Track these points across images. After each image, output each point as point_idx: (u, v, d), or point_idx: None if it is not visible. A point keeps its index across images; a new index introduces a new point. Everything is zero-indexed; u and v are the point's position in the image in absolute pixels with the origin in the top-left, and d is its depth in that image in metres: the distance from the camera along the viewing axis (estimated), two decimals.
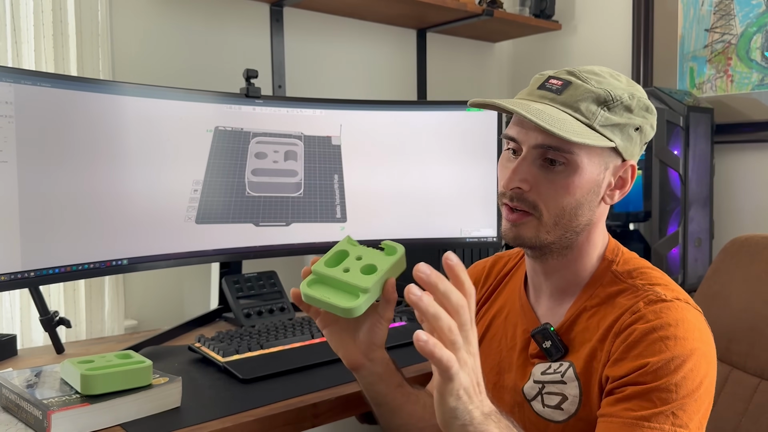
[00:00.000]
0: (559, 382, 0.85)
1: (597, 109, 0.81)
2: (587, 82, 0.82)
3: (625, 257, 0.89)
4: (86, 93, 1.24)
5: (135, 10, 1.66)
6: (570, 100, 0.81)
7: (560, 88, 0.82)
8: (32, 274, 1.17)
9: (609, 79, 0.84)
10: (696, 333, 0.79)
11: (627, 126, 0.82)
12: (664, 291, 0.83)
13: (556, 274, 0.89)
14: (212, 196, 1.45)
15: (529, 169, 0.82)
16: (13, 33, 1.43)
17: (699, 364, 0.77)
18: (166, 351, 1.31)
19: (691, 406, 0.75)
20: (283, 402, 1.01)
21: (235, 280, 1.54)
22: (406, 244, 0.88)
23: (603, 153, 0.83)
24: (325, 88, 2.00)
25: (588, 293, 0.87)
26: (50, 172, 1.19)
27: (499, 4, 2.11)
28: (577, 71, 0.84)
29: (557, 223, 0.83)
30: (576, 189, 0.81)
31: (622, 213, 1.74)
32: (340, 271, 0.81)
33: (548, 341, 0.87)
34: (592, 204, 0.84)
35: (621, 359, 0.79)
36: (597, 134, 0.80)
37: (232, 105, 1.48)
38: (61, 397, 0.91)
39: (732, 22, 1.88)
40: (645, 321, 0.79)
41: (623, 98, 0.81)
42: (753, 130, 1.86)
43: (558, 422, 0.85)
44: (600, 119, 0.80)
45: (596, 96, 0.81)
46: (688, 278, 1.73)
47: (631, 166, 0.85)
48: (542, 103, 0.82)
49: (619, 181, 0.86)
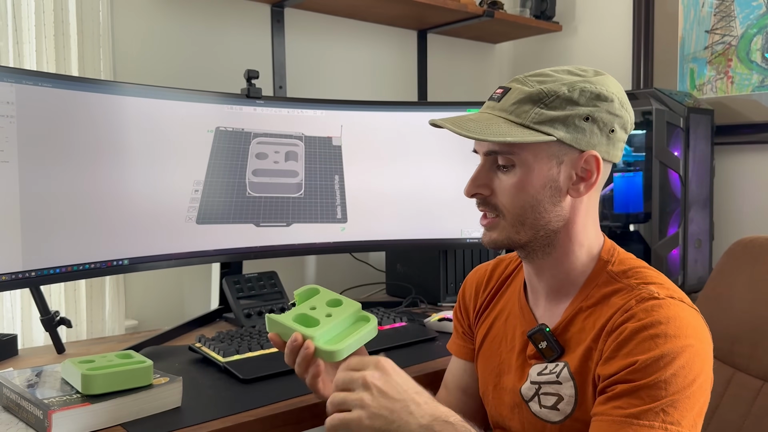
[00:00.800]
0: (555, 383, 0.86)
1: (531, 107, 0.83)
2: (525, 85, 0.85)
3: (621, 257, 0.90)
4: (87, 93, 1.25)
5: (136, 11, 1.66)
6: (505, 105, 0.85)
7: (500, 95, 0.87)
8: (33, 274, 1.17)
9: (559, 76, 0.84)
10: (689, 330, 0.78)
11: (570, 117, 0.82)
12: (658, 289, 0.83)
13: (547, 273, 0.90)
14: (213, 196, 1.45)
15: (486, 174, 0.88)
16: (15, 33, 1.43)
17: (691, 361, 0.77)
18: (166, 351, 1.31)
19: (682, 403, 0.75)
20: (283, 402, 1.02)
21: (236, 280, 1.54)
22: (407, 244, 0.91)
23: (550, 148, 0.83)
24: (325, 89, 2.00)
25: (584, 294, 0.88)
26: (51, 172, 1.19)
27: (500, 6, 2.11)
28: (521, 77, 0.87)
29: (522, 222, 0.86)
30: (527, 186, 0.84)
31: (622, 214, 1.74)
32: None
33: (544, 342, 0.87)
34: (554, 199, 0.85)
35: (612, 357, 0.79)
36: (530, 131, 0.82)
37: (233, 105, 1.48)
38: (61, 397, 0.91)
39: (732, 24, 1.88)
40: (636, 319, 0.79)
41: (560, 92, 0.82)
42: (753, 131, 1.86)
43: (554, 423, 0.86)
44: (533, 116, 0.82)
45: (528, 96, 0.83)
46: (688, 279, 1.73)
47: (592, 157, 0.84)
48: (484, 113, 0.88)
49: (584, 172, 0.85)
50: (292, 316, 0.92)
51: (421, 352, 1.30)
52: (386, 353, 1.26)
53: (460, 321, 1.08)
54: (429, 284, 1.75)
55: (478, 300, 1.05)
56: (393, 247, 1.71)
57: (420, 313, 1.61)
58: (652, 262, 1.67)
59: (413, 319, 1.50)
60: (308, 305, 0.95)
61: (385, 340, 1.31)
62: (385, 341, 1.31)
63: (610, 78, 0.87)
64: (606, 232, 0.93)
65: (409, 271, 1.84)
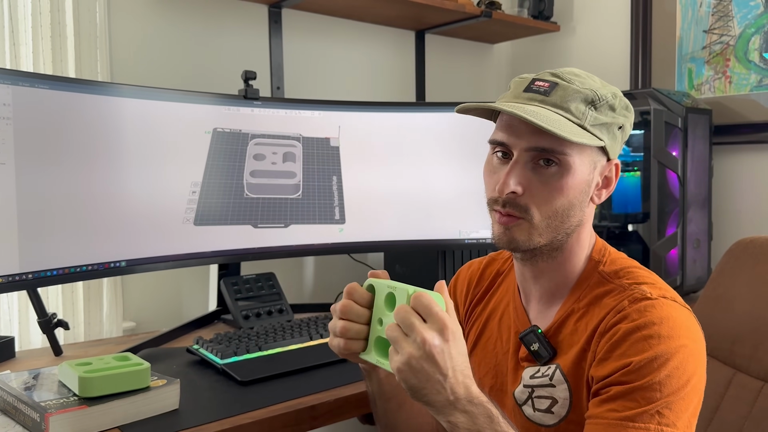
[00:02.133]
0: (549, 386, 0.85)
1: (586, 108, 0.81)
2: (572, 83, 0.82)
3: (612, 257, 0.89)
4: (84, 95, 1.24)
5: (133, 12, 1.65)
6: (560, 101, 0.81)
7: (548, 89, 0.82)
8: (30, 276, 1.16)
9: (589, 80, 0.84)
10: (682, 330, 0.78)
11: (612, 125, 0.83)
12: (650, 289, 0.82)
13: (545, 277, 0.89)
14: (210, 197, 1.45)
15: (523, 172, 0.81)
16: (11, 34, 1.42)
17: (685, 361, 0.76)
18: (164, 353, 1.31)
19: (677, 404, 0.74)
20: (281, 404, 1.01)
21: (234, 281, 1.54)
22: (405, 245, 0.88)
23: (592, 153, 0.83)
24: (323, 90, 2.00)
25: (576, 295, 0.87)
26: (48, 173, 1.19)
27: (498, 6, 2.11)
28: (560, 72, 0.84)
29: (549, 225, 0.83)
30: (569, 190, 0.81)
31: (620, 214, 1.73)
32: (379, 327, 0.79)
33: (536, 344, 0.87)
34: (582, 204, 0.84)
35: (605, 359, 0.79)
36: (589, 134, 0.81)
37: (230, 106, 1.48)
38: (58, 400, 0.91)
39: (730, 24, 1.88)
40: (629, 320, 0.79)
41: (608, 98, 0.82)
42: (751, 131, 1.86)
43: (549, 426, 0.85)
44: (590, 119, 0.81)
45: (584, 96, 0.81)
46: (687, 279, 1.73)
47: (616, 166, 0.86)
48: (532, 105, 0.82)
49: (605, 180, 0.86)
50: None
51: None
52: None
53: None
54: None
55: (469, 295, 1.04)
56: (391, 248, 1.71)
57: None
58: (651, 262, 1.66)
59: None
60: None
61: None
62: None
63: None
64: (605, 232, 0.92)
65: (408, 271, 1.84)
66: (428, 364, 0.71)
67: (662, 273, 1.67)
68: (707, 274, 1.81)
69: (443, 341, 0.72)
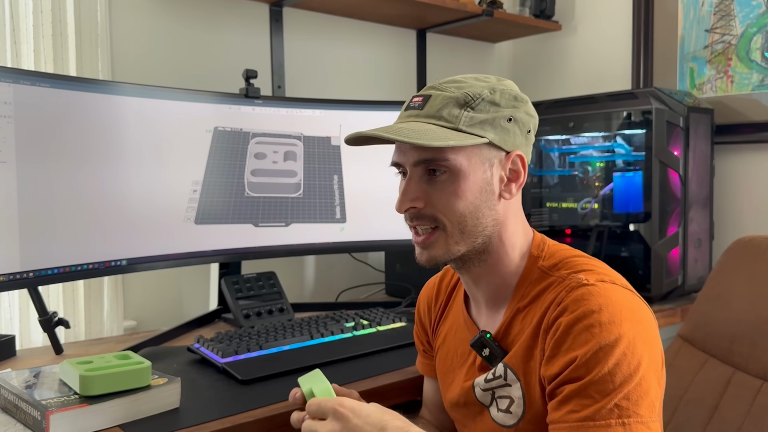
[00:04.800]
0: (505, 385, 0.85)
1: (460, 111, 0.82)
2: (446, 91, 0.84)
3: (551, 250, 0.88)
4: (85, 93, 1.24)
5: (134, 11, 1.65)
6: (432, 111, 0.83)
7: (421, 103, 0.85)
8: (31, 275, 1.16)
9: (471, 82, 0.85)
10: (624, 313, 0.76)
11: (497, 119, 0.83)
12: (587, 276, 0.80)
13: (483, 281, 0.89)
14: (211, 196, 1.45)
15: (417, 186, 0.84)
16: (13, 33, 1.43)
17: (632, 345, 0.74)
18: (165, 352, 1.31)
19: (634, 392, 0.73)
20: (282, 403, 1.01)
21: (235, 280, 1.54)
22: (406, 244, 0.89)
23: (481, 151, 0.83)
24: (324, 89, 2.00)
25: (519, 294, 0.86)
26: (49, 172, 1.19)
27: (499, 5, 2.11)
28: (437, 84, 0.86)
29: (462, 230, 0.83)
30: (465, 192, 0.82)
31: (622, 214, 1.73)
32: None
33: (487, 349, 0.86)
34: (489, 203, 0.84)
35: (552, 356, 0.78)
36: (465, 134, 0.81)
37: (231, 105, 1.48)
38: (59, 398, 0.91)
39: (732, 23, 1.88)
40: (569, 312, 0.77)
41: (483, 94, 0.83)
42: (753, 130, 1.86)
43: (509, 426, 0.84)
44: (464, 120, 0.82)
45: (455, 100, 0.82)
46: (688, 279, 1.73)
47: (518, 156, 0.85)
48: (408, 121, 0.85)
49: (512, 174, 0.86)
50: None
51: None
52: (384, 353, 1.26)
53: (420, 339, 1.08)
54: None
55: (431, 316, 1.04)
56: (392, 247, 1.71)
57: None
58: (652, 262, 1.66)
59: (412, 319, 1.49)
60: None
61: (383, 341, 1.30)
62: (384, 342, 1.30)
63: (512, 83, 0.88)
64: (606, 232, 0.92)
65: (409, 271, 1.84)
66: (357, 419, 0.77)
67: (663, 272, 1.67)
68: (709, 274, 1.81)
69: (343, 422, 0.77)
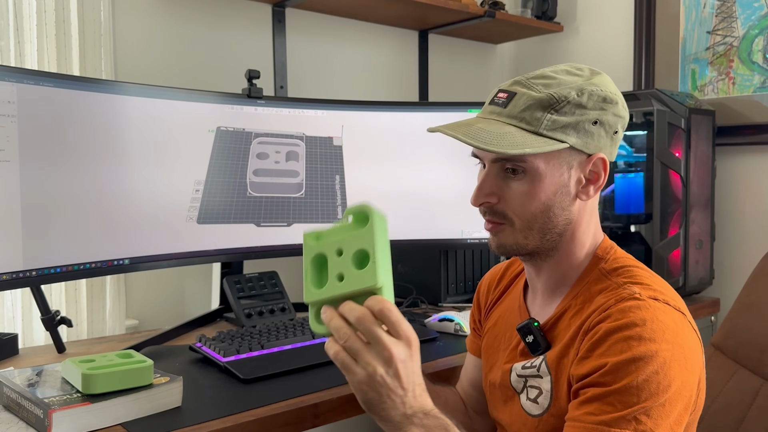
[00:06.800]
0: (537, 376, 0.86)
1: (543, 114, 0.81)
2: (532, 89, 0.83)
3: (616, 256, 0.89)
4: (88, 93, 1.25)
5: (137, 10, 1.66)
6: (514, 111, 0.83)
7: (506, 101, 0.84)
8: (34, 273, 1.17)
9: (561, 78, 0.84)
10: (667, 334, 0.75)
11: (581, 122, 0.82)
12: (642, 290, 0.80)
13: (545, 273, 0.91)
14: (214, 196, 1.45)
15: (494, 182, 0.85)
16: (16, 33, 1.43)
17: (666, 366, 0.74)
18: (167, 351, 1.31)
19: (656, 411, 0.73)
20: (283, 402, 1.01)
21: (236, 280, 1.54)
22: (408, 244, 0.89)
23: (561, 154, 0.83)
24: (326, 89, 2.00)
25: (575, 291, 0.88)
26: (52, 171, 1.19)
27: (501, 6, 2.11)
28: (523, 80, 0.85)
29: (531, 227, 0.85)
30: (540, 193, 0.83)
31: (623, 215, 1.73)
32: (336, 283, 0.76)
33: (531, 336, 0.88)
34: (563, 204, 0.85)
35: (585, 358, 0.78)
36: (545, 139, 0.81)
37: (234, 105, 1.48)
38: (62, 396, 0.91)
39: (734, 25, 1.88)
40: (612, 320, 0.78)
41: (570, 97, 0.82)
42: (754, 132, 1.86)
43: (534, 416, 0.86)
44: (546, 124, 0.81)
45: (539, 102, 0.82)
46: (689, 280, 1.73)
47: (600, 159, 0.85)
48: (489, 119, 0.84)
49: (592, 175, 0.86)
50: None
51: (421, 352, 1.29)
52: None
53: (474, 318, 1.10)
54: (430, 284, 1.75)
55: (488, 297, 1.06)
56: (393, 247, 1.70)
57: (421, 313, 1.61)
58: (653, 263, 1.66)
59: (414, 319, 1.49)
60: None
61: None
62: None
63: (606, 77, 0.87)
64: (607, 233, 0.92)
65: (410, 271, 1.84)
66: (392, 379, 0.73)
67: (665, 274, 1.67)
68: (710, 275, 1.81)
69: (409, 356, 0.74)
